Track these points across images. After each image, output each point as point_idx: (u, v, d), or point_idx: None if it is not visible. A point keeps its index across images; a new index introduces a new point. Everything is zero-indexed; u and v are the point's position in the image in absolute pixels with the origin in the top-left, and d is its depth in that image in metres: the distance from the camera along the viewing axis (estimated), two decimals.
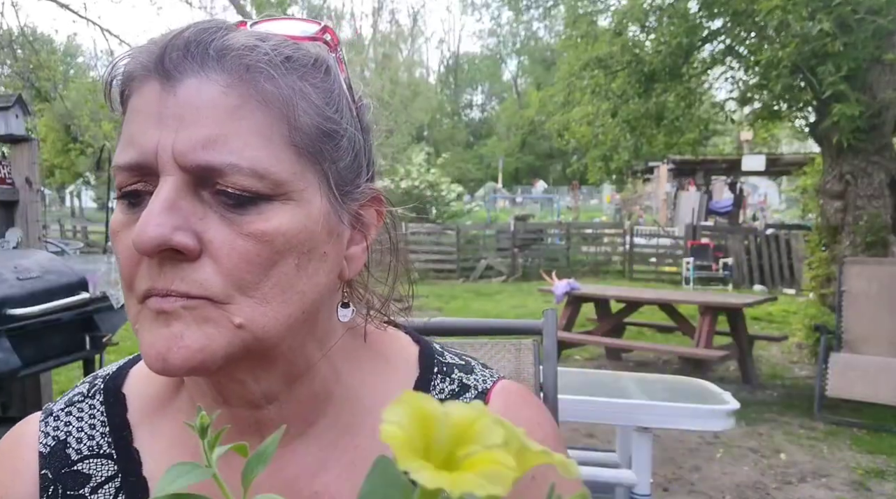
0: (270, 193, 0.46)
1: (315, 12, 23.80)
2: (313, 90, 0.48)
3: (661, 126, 6.32)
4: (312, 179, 0.48)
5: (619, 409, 2.60)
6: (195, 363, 0.45)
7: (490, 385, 0.60)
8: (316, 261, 0.49)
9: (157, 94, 0.46)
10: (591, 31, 6.62)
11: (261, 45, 0.47)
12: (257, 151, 0.45)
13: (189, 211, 0.45)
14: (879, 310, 4.57)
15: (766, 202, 21.20)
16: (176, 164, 0.44)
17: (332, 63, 0.51)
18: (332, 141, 0.49)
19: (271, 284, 0.46)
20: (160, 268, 0.45)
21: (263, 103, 0.46)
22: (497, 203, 26.88)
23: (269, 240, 0.46)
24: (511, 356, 1.06)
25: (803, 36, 4.79)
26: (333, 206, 0.50)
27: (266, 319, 0.47)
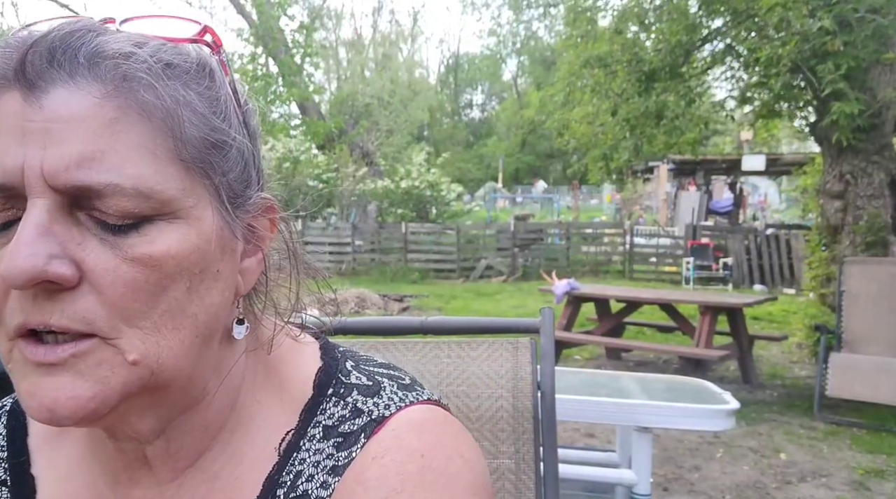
0: (155, 213, 0.42)
1: (315, 12, 23.82)
2: (198, 98, 0.44)
3: (661, 125, 6.32)
4: (203, 193, 0.44)
5: (619, 409, 2.59)
6: (87, 413, 0.41)
7: (391, 412, 0.51)
8: (209, 281, 0.45)
9: (18, 106, 0.41)
10: (591, 30, 6.62)
11: (138, 51, 0.42)
12: (140, 168, 0.41)
13: (65, 236, 0.40)
14: (879, 310, 4.56)
15: (766, 202, 21.21)
16: (46, 184, 0.40)
17: (215, 67, 0.47)
18: (220, 152, 0.45)
19: (160, 312, 0.42)
20: (34, 300, 0.40)
21: (144, 115, 0.41)
22: (497, 203, 26.88)
23: (156, 265, 0.41)
24: (508, 355, 1.05)
25: (803, 34, 4.79)
26: (226, 220, 0.46)
27: (160, 350, 0.43)
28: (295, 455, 0.50)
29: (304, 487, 0.49)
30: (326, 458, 0.50)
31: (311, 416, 0.52)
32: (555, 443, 1.02)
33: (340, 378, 0.54)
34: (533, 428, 1.01)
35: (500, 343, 1.07)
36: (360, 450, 0.49)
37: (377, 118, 23.70)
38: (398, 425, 0.50)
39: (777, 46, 5.08)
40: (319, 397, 0.53)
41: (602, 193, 27.84)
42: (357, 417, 0.51)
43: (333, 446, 0.50)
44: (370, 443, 0.49)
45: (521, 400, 1.01)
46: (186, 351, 0.44)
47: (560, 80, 7.55)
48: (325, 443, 0.50)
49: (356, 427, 0.51)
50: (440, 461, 0.48)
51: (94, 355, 0.41)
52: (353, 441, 0.50)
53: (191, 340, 0.45)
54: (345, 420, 0.51)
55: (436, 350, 1.06)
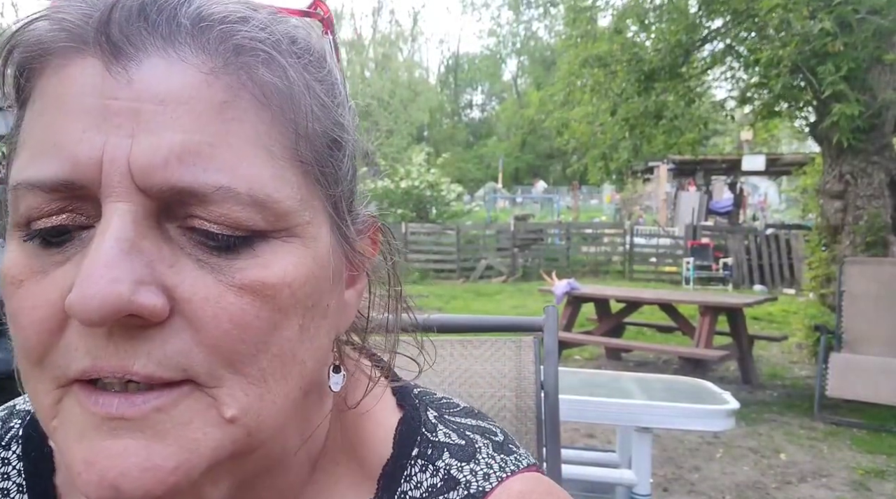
0: (270, 228, 0.32)
1: None
2: (319, 86, 0.35)
3: (661, 125, 6.33)
4: (318, 206, 0.35)
5: (619, 409, 2.59)
6: (165, 489, 0.31)
7: (493, 485, 0.42)
8: (318, 318, 0.36)
9: (97, 77, 0.31)
10: (591, 30, 6.63)
11: (255, 15, 0.33)
12: (257, 169, 0.32)
13: (153, 255, 0.31)
14: (879, 310, 4.56)
15: (766, 202, 21.21)
16: (134, 185, 0.30)
17: (328, 48, 0.38)
18: (339, 154, 0.37)
19: (270, 357, 0.33)
20: (109, 338, 0.30)
21: (262, 100, 0.32)
22: (497, 203, 26.88)
23: (270, 295, 0.32)
24: (511, 354, 1.05)
25: (804, 35, 4.79)
26: (339, 241, 0.37)
27: (262, 405, 0.33)
28: None
29: None
30: None
31: (394, 484, 0.43)
32: (558, 443, 1.03)
33: (426, 435, 0.45)
34: (536, 428, 1.01)
35: (504, 342, 1.07)
36: None
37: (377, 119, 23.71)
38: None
39: (777, 47, 5.08)
40: (401, 458, 0.43)
41: (602, 194, 27.84)
42: (452, 489, 0.42)
43: None
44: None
45: (524, 399, 1.01)
46: (289, 407, 0.35)
47: (560, 80, 7.55)
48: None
49: None
50: None
51: (183, 410, 0.31)
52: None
53: (296, 393, 0.35)
54: (436, 492, 0.42)
55: (439, 349, 1.07)
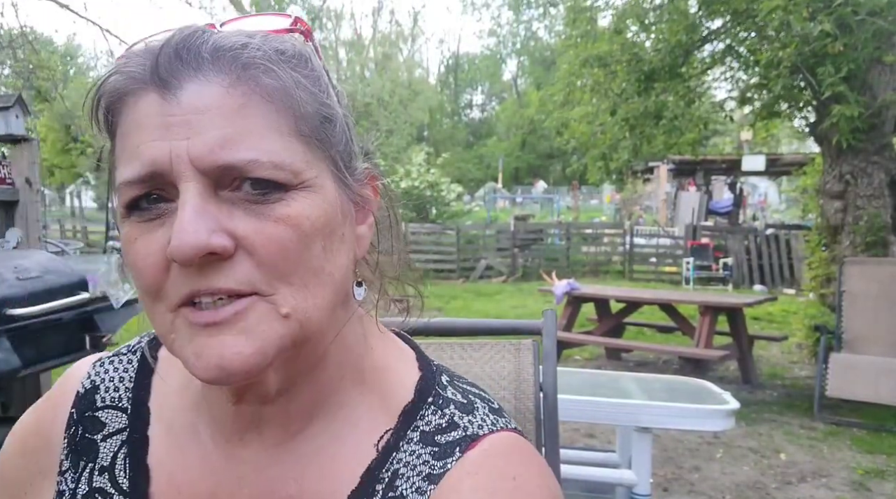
0: (291, 182, 0.47)
1: (314, 12, 23.81)
2: (306, 79, 0.49)
3: (661, 125, 6.32)
4: (322, 165, 0.49)
5: (619, 409, 2.60)
6: (250, 367, 0.46)
7: (483, 433, 0.54)
8: (337, 242, 0.50)
9: (157, 104, 0.46)
10: (591, 30, 6.62)
11: (251, 41, 0.47)
12: (272, 144, 0.46)
13: (217, 212, 0.45)
14: (879, 310, 4.57)
15: (766, 202, 21.21)
16: (194, 168, 0.45)
17: (311, 51, 0.52)
18: (331, 126, 0.51)
19: (305, 269, 0.47)
20: (200, 271, 0.45)
21: (267, 98, 0.46)
22: (497, 203, 26.88)
23: (296, 224, 0.46)
24: (511, 356, 1.06)
25: (804, 36, 4.79)
26: (342, 188, 0.52)
27: (307, 305, 0.48)
28: (394, 455, 0.54)
29: (401, 488, 0.52)
30: (423, 464, 0.53)
31: (411, 420, 0.55)
32: (557, 444, 1.03)
33: (438, 390, 0.58)
34: (535, 429, 1.01)
35: (503, 345, 1.07)
36: (456, 463, 0.52)
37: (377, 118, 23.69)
38: (490, 446, 0.53)
39: (777, 48, 5.08)
40: (419, 402, 0.56)
41: (602, 194, 27.85)
42: (453, 430, 0.54)
43: (430, 454, 0.53)
44: (465, 458, 0.52)
45: (523, 401, 1.01)
46: (328, 307, 0.50)
47: (560, 80, 7.54)
48: (423, 449, 0.54)
49: (452, 440, 0.54)
50: (531, 488, 0.51)
51: (253, 313, 0.46)
52: (450, 453, 0.53)
53: (331, 297, 0.50)
54: (441, 430, 0.54)
55: (438, 352, 1.07)
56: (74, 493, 0.58)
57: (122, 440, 0.59)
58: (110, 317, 2.82)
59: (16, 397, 2.96)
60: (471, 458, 0.52)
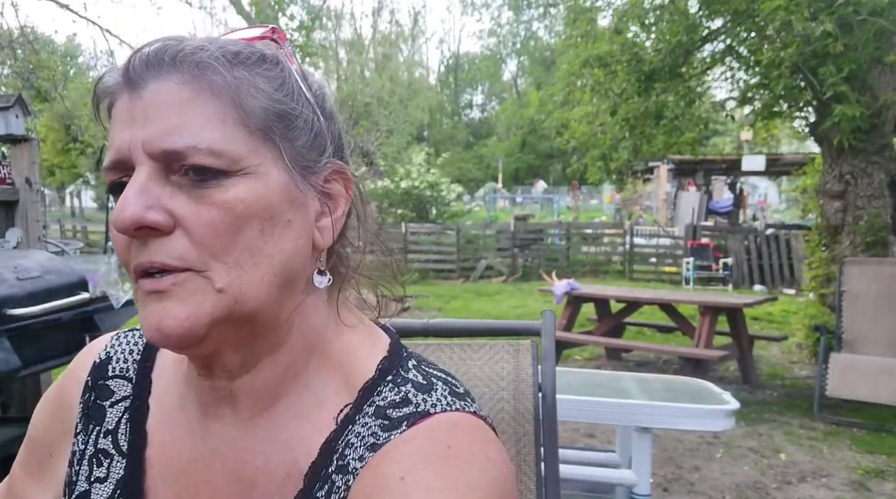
0: (228, 168, 0.51)
1: (314, 13, 23.79)
2: (261, 79, 0.54)
3: (661, 125, 6.32)
4: (267, 154, 0.54)
5: (619, 409, 2.60)
6: (183, 331, 0.51)
7: (435, 411, 0.56)
8: (280, 227, 0.54)
9: (127, 101, 0.53)
10: (591, 30, 6.62)
11: (208, 45, 0.53)
12: (212, 133, 0.51)
13: (160, 192, 0.51)
14: (879, 310, 4.57)
15: (766, 202, 21.20)
16: (145, 153, 0.51)
17: (281, 57, 0.58)
18: (284, 121, 0.55)
19: (240, 249, 0.52)
20: (143, 245, 0.51)
21: (214, 94, 0.52)
22: (497, 203, 26.87)
23: (229, 207, 0.51)
24: (510, 357, 1.06)
25: (805, 36, 4.79)
26: (293, 178, 0.55)
27: (242, 282, 0.52)
28: (350, 428, 0.57)
29: (349, 456, 0.56)
30: (370, 435, 0.56)
31: (369, 395, 0.59)
32: (556, 444, 1.03)
33: (400, 371, 0.61)
34: (534, 429, 1.01)
35: (502, 345, 1.07)
36: (399, 435, 0.54)
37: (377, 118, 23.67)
38: (437, 422, 0.55)
39: (778, 48, 5.08)
40: (379, 379, 0.60)
41: (602, 194, 27.84)
42: (405, 405, 0.57)
43: (379, 426, 0.56)
44: (408, 433, 0.54)
45: (522, 402, 1.01)
46: (266, 286, 0.53)
47: (560, 80, 7.53)
48: (374, 421, 0.56)
49: (401, 414, 0.56)
50: (464, 454, 0.52)
51: (189, 284, 0.51)
52: (396, 426, 0.55)
53: (269, 277, 0.54)
54: (394, 405, 0.57)
55: (437, 353, 1.07)
56: (83, 453, 0.65)
57: (125, 407, 0.65)
58: (110, 317, 2.81)
59: (16, 397, 2.96)
60: (414, 434, 0.54)
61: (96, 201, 32.94)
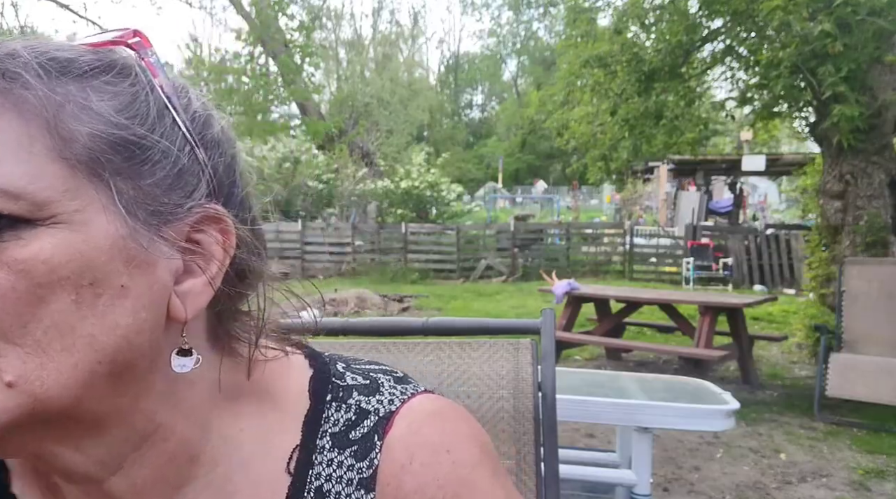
0: (31, 216, 0.38)
1: (314, 12, 23.81)
2: (97, 96, 0.42)
3: (661, 125, 6.32)
4: (94, 196, 0.40)
5: (619, 409, 2.59)
6: None
7: (396, 407, 0.50)
8: (107, 297, 0.40)
9: None
10: (591, 30, 6.62)
11: (23, 52, 0.40)
12: (10, 167, 0.38)
13: None
14: (879, 310, 4.57)
15: (766, 202, 21.22)
16: None
17: (137, 68, 0.44)
18: (126, 152, 0.41)
19: (43, 329, 0.38)
20: None
21: (20, 114, 0.39)
22: (497, 203, 26.88)
23: (24, 270, 0.37)
24: (509, 356, 1.06)
25: (804, 36, 4.79)
26: (132, 228, 0.41)
27: (44, 373, 0.38)
28: (310, 472, 0.49)
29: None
30: (347, 470, 0.49)
31: (315, 426, 0.50)
32: (555, 444, 1.03)
33: (336, 382, 0.53)
34: (534, 429, 1.01)
35: (502, 344, 1.07)
36: (380, 454, 0.49)
37: (377, 118, 23.70)
38: (409, 419, 0.50)
39: (778, 48, 5.08)
40: (318, 405, 0.51)
41: (602, 194, 27.85)
42: (364, 418, 0.50)
43: (351, 456, 0.49)
44: (387, 444, 0.49)
45: (521, 401, 1.01)
46: (84, 378, 0.39)
47: (560, 80, 7.55)
48: (340, 454, 0.49)
49: (367, 430, 0.50)
50: (464, 453, 0.49)
51: None
52: (370, 446, 0.49)
53: (90, 365, 0.39)
54: (352, 425, 0.50)
55: (437, 351, 1.07)
56: None
57: None
58: None
59: None
60: (394, 441, 0.49)
61: None
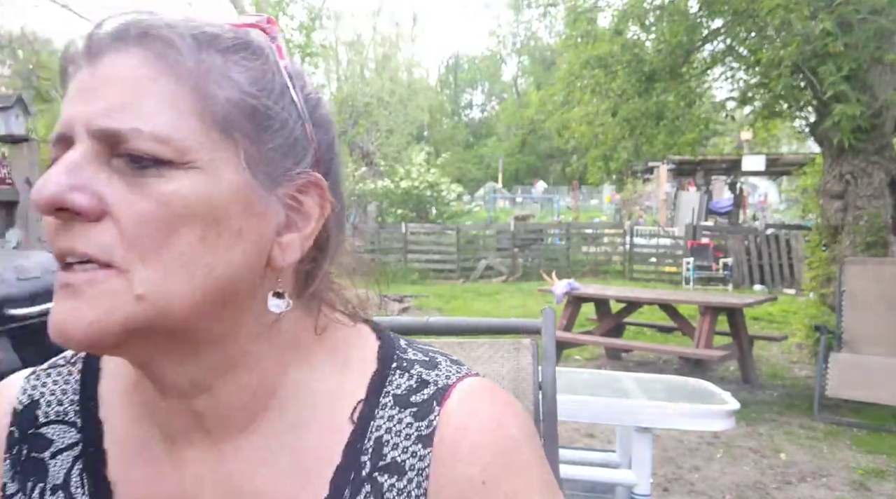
0: (174, 159, 0.45)
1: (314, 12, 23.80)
2: (236, 68, 0.49)
3: (661, 126, 6.32)
4: (225, 152, 0.47)
5: (619, 409, 2.59)
6: (86, 337, 0.45)
7: (452, 381, 0.56)
8: (227, 236, 0.47)
9: (83, 74, 0.48)
10: (591, 30, 6.62)
11: (181, 23, 0.48)
12: (161, 118, 0.45)
13: (93, 174, 0.45)
14: (879, 310, 4.57)
15: (766, 202, 21.21)
16: (85, 131, 0.45)
17: (267, 49, 0.52)
18: (254, 119, 0.49)
19: (174, 254, 0.45)
20: (65, 229, 0.45)
21: (174, 76, 0.46)
22: (497, 203, 26.85)
23: (166, 201, 0.45)
24: (510, 356, 1.06)
25: (804, 35, 4.79)
26: (251, 183, 0.49)
27: (168, 292, 0.45)
28: (371, 424, 0.55)
29: (391, 455, 0.53)
30: (406, 426, 0.54)
31: (380, 387, 0.56)
32: (556, 444, 1.03)
33: (399, 354, 0.59)
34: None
35: (502, 344, 1.07)
36: (438, 418, 0.54)
37: (377, 118, 23.66)
38: (463, 393, 0.56)
39: (778, 48, 5.08)
40: (385, 370, 0.57)
41: (602, 194, 27.83)
42: (424, 387, 0.56)
43: (411, 415, 0.55)
44: (444, 411, 0.54)
45: (522, 401, 1.01)
46: (199, 301, 0.47)
47: (560, 81, 7.54)
48: (401, 412, 0.55)
49: (427, 396, 0.55)
50: (513, 429, 0.55)
51: (104, 285, 0.45)
52: (428, 409, 0.55)
53: (204, 290, 0.47)
54: (413, 390, 0.56)
55: None
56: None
57: (74, 456, 0.56)
58: None
59: None
60: (450, 410, 0.54)
61: None
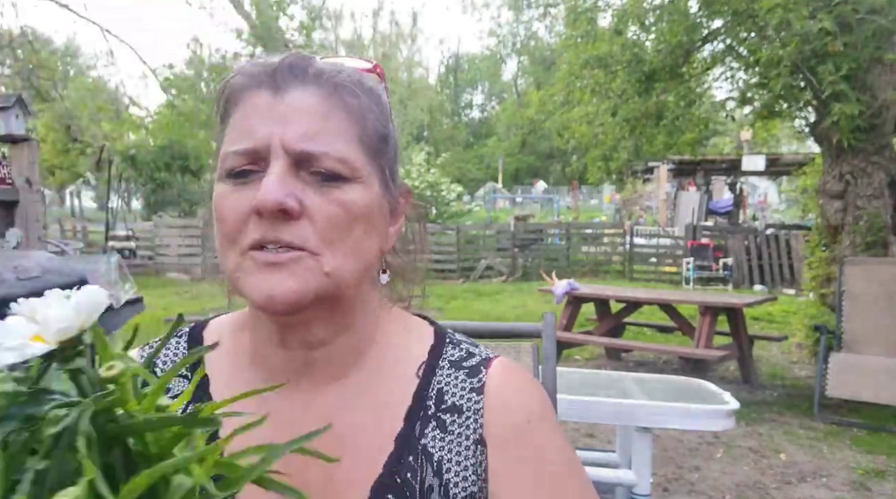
0: (348, 175, 0.61)
1: (314, 12, 23.78)
2: (374, 105, 0.65)
3: (661, 126, 6.32)
4: (373, 169, 0.64)
5: (619, 409, 2.60)
6: (290, 301, 0.59)
7: (493, 356, 0.73)
8: (372, 230, 0.64)
9: (268, 99, 0.61)
10: (591, 30, 6.62)
11: (345, 69, 0.65)
12: (341, 145, 0.61)
13: (293, 184, 0.59)
14: (879, 310, 4.57)
15: (766, 202, 21.21)
16: (283, 150, 0.59)
17: (381, 89, 0.69)
18: (386, 143, 0.66)
19: (350, 243, 0.62)
20: (272, 224, 0.59)
21: (346, 111, 0.62)
22: (497, 203, 26.87)
23: (347, 207, 0.61)
24: (511, 358, 1.06)
25: (804, 35, 4.79)
26: (384, 191, 0.66)
27: (344, 270, 0.61)
28: (433, 378, 0.71)
29: (451, 400, 0.69)
30: (462, 381, 0.70)
31: (438, 354, 0.73)
32: None
33: (450, 335, 0.76)
34: None
35: (503, 348, 1.07)
36: (486, 377, 0.70)
37: None
38: (502, 364, 0.73)
39: (777, 47, 5.08)
40: (440, 344, 0.74)
41: (602, 194, 27.84)
42: (472, 357, 0.73)
43: (465, 373, 0.71)
44: (490, 373, 0.71)
45: None
46: (357, 276, 0.64)
47: (560, 81, 7.53)
48: (457, 371, 0.71)
49: (475, 363, 0.72)
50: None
51: (303, 263, 0.60)
52: (478, 371, 0.71)
53: (361, 269, 0.64)
54: (464, 359, 0.72)
55: None
56: None
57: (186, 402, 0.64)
58: (110, 317, 2.81)
59: None
60: (494, 374, 0.71)
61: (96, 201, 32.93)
